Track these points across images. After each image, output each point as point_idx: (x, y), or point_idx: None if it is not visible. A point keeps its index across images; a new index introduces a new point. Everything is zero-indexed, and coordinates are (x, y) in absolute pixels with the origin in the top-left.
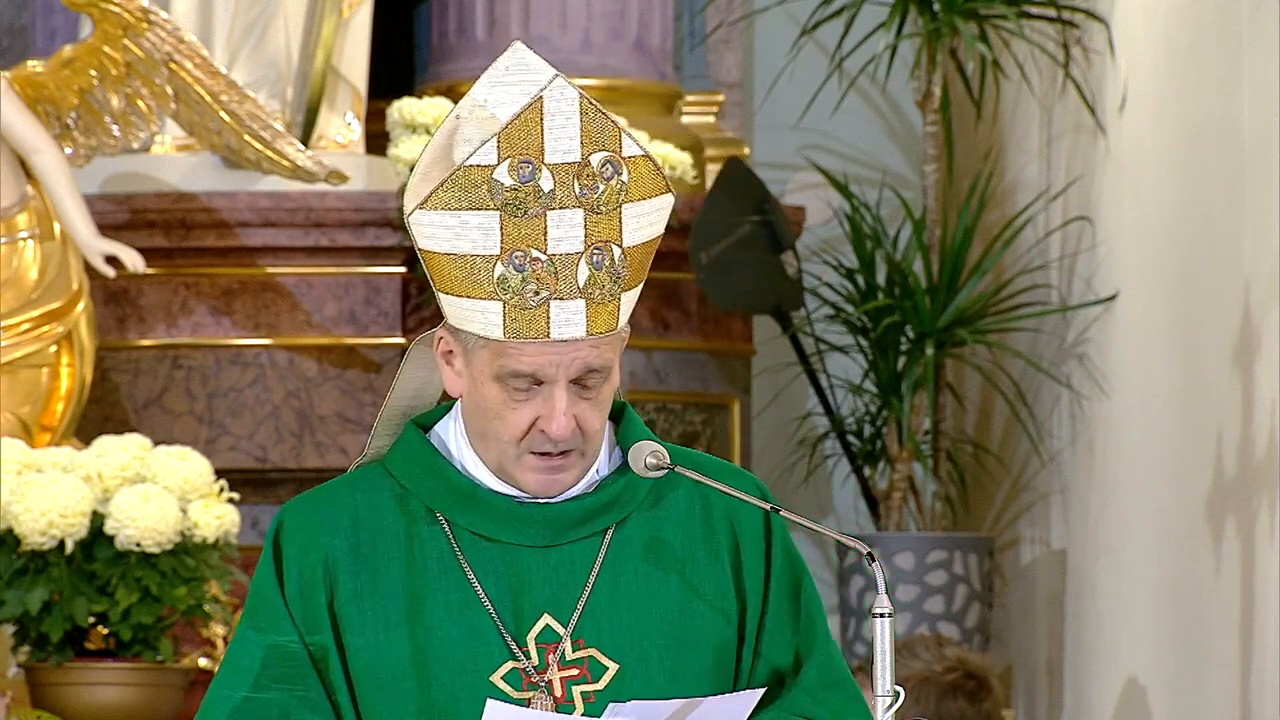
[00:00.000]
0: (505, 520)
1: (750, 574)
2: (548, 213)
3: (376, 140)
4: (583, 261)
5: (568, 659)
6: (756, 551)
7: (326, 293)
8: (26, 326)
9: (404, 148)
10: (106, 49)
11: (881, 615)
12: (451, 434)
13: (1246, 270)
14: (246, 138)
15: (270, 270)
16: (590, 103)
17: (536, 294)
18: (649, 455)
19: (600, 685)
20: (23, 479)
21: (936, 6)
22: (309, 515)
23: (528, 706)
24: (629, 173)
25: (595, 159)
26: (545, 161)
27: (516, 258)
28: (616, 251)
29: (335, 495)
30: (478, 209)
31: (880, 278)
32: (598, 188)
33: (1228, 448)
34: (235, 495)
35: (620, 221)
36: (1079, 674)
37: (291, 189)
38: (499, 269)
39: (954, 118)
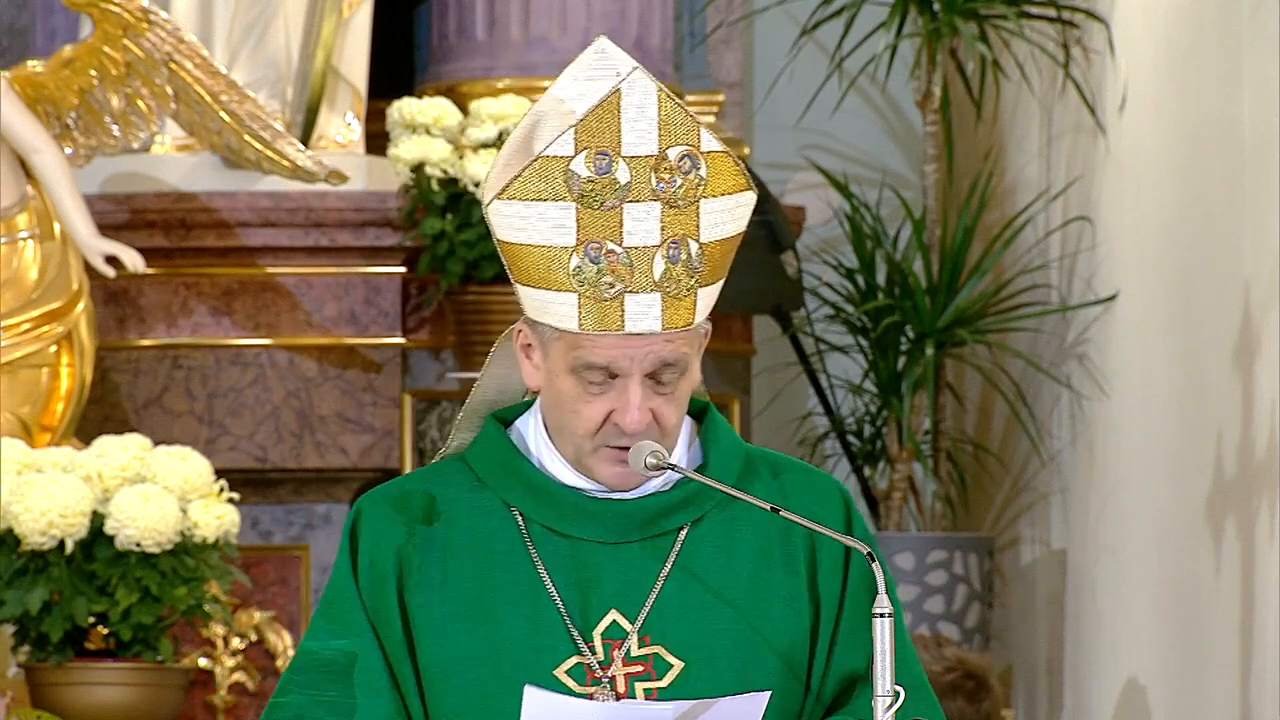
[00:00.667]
0: (577, 516)
1: (826, 578)
2: (624, 205)
3: (376, 140)
4: (659, 255)
5: (633, 655)
6: (835, 556)
7: (326, 293)
8: (26, 326)
9: (404, 148)
10: (106, 49)
11: (881, 615)
12: (531, 429)
13: (1246, 270)
14: (246, 138)
15: (270, 270)
16: (669, 96)
17: (611, 286)
18: (649, 455)
19: (664, 683)
20: (23, 479)
21: (936, 6)
22: (385, 505)
23: (590, 701)
24: (707, 167)
25: (673, 153)
26: (622, 154)
27: (592, 250)
28: (694, 246)
29: (412, 486)
30: (555, 200)
31: (880, 278)
32: (675, 181)
33: (1228, 448)
34: (235, 495)
35: (698, 216)
36: (1079, 674)
37: (291, 189)
38: (574, 260)
39: (954, 118)
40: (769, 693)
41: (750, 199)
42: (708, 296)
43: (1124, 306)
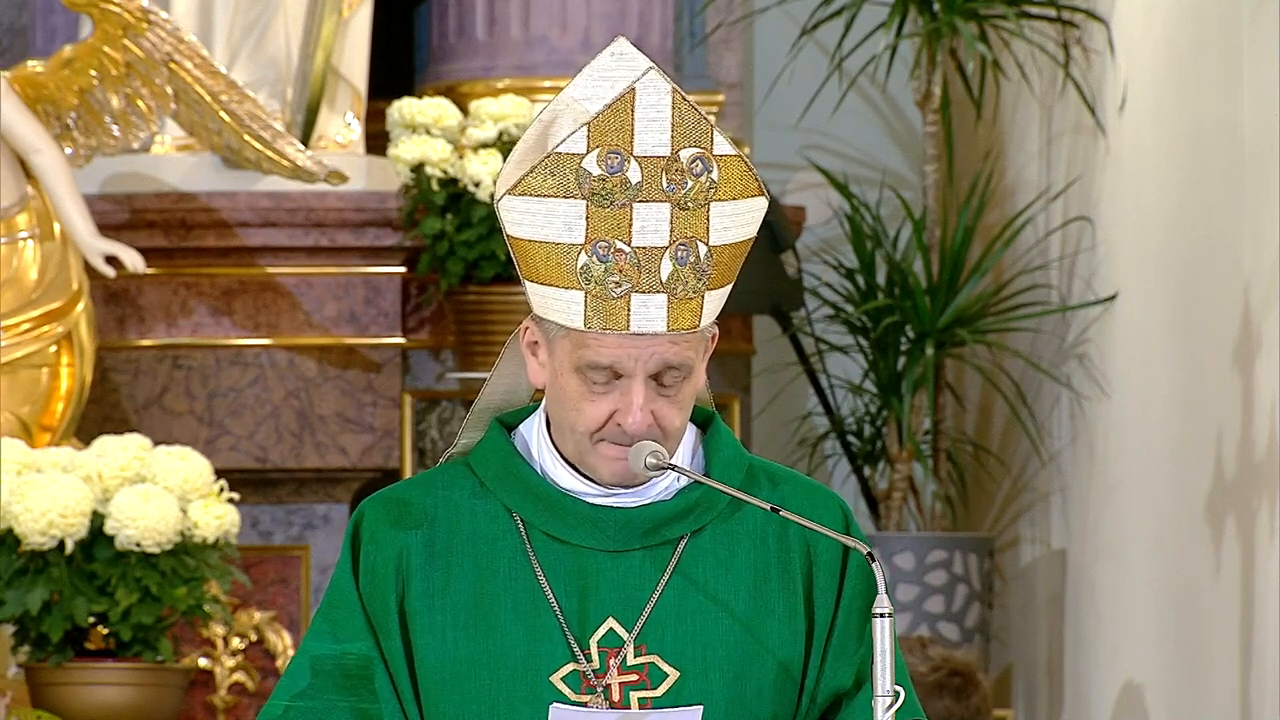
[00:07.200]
0: (578, 523)
1: (821, 593)
2: (634, 204)
3: (376, 140)
4: (666, 256)
5: (629, 664)
6: (831, 572)
7: (326, 293)
8: (26, 326)
9: (404, 148)
10: (106, 49)
11: (881, 615)
12: (534, 434)
13: (1246, 270)
14: (246, 138)
15: (270, 270)
16: (683, 98)
17: (618, 285)
18: (649, 455)
19: (659, 692)
20: (23, 479)
21: (936, 6)
22: (387, 510)
23: (584, 708)
24: (719, 171)
25: (685, 154)
26: (634, 153)
27: (600, 248)
28: (703, 249)
29: (415, 491)
30: (565, 197)
31: (880, 278)
32: (686, 183)
33: (1228, 448)
34: (235, 495)
35: (708, 219)
36: (1079, 674)
37: (291, 189)
38: (582, 258)
39: (954, 118)
40: (700, 707)
41: (762, 204)
42: (715, 300)
43: (1124, 306)
